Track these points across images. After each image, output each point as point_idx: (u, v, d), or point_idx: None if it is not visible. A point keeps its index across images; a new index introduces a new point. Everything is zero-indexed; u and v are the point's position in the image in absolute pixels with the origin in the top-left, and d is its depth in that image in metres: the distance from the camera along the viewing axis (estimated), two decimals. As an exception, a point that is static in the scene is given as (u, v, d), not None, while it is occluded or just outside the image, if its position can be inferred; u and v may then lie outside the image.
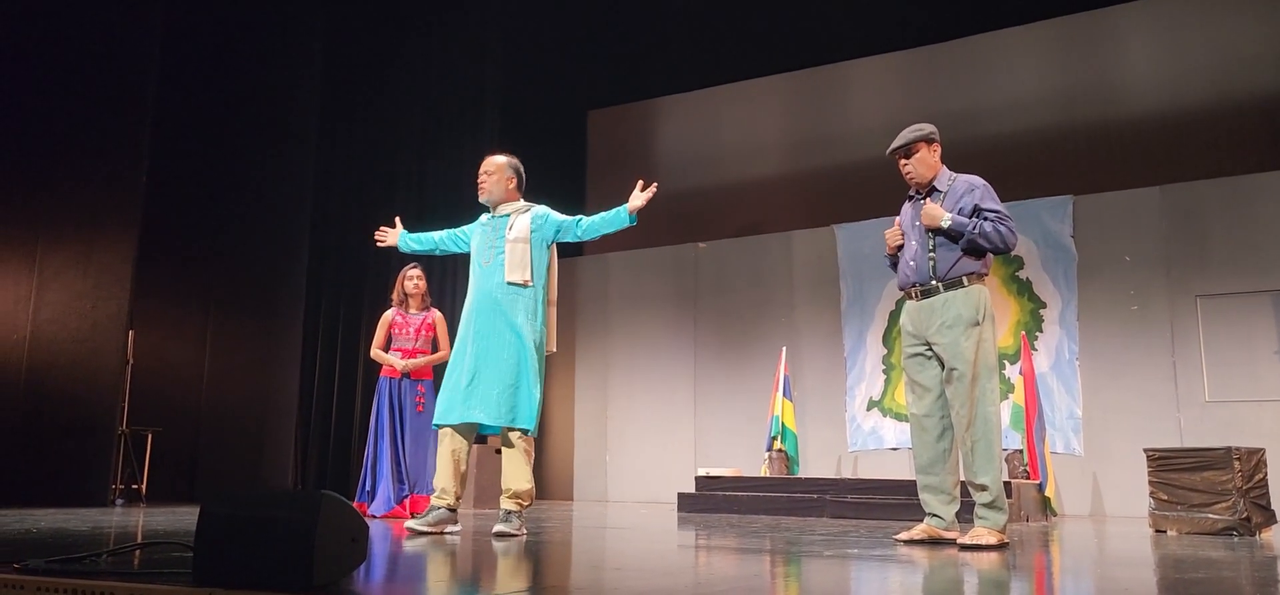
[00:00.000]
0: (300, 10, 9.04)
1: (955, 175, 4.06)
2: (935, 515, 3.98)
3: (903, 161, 4.10)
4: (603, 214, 4.54)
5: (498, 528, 4.12)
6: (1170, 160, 8.06)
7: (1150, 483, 5.22)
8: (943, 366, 3.91)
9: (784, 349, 8.22)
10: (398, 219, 4.97)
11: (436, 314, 6.34)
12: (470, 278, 4.48)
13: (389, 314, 6.22)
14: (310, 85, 9.04)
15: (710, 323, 9.49)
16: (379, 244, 4.90)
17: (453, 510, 4.29)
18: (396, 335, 6.17)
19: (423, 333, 6.20)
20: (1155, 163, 8.10)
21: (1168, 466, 5.17)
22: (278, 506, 2.16)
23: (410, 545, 3.67)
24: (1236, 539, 4.60)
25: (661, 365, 9.63)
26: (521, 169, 4.63)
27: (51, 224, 7.14)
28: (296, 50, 9.03)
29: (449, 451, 4.28)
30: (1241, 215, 7.37)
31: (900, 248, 4.14)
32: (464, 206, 9.20)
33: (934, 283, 3.94)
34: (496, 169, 4.56)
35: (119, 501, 7.14)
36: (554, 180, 10.95)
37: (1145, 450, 5.35)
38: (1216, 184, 7.54)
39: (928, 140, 4.06)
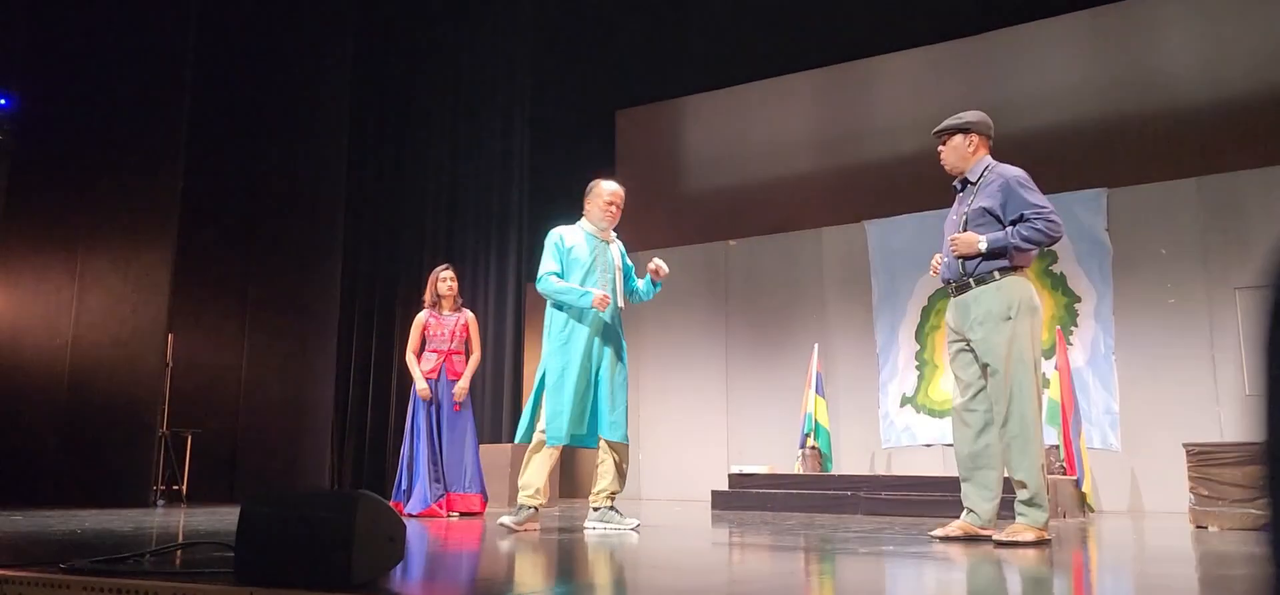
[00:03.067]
0: (331, 14, 9.14)
1: (992, 165, 4.03)
2: (972, 511, 3.95)
3: (939, 146, 4.13)
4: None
5: (595, 524, 4.60)
6: (1206, 151, 7.92)
7: (1190, 478, 5.15)
8: (978, 362, 3.90)
9: (816, 346, 8.19)
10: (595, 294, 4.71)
11: (469, 315, 6.34)
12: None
13: (422, 316, 6.20)
14: (342, 87, 9.14)
15: (742, 320, 9.48)
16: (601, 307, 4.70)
17: (537, 510, 4.66)
18: (431, 337, 6.17)
19: (457, 334, 6.21)
20: (1191, 154, 7.97)
21: (1208, 461, 5.09)
22: (316, 506, 2.19)
23: (451, 543, 3.70)
24: (1280, 534, 4.52)
25: (693, 363, 9.62)
26: None
27: (91, 230, 7.27)
28: (328, 54, 9.14)
29: (550, 459, 4.62)
30: (1281, 205, 7.24)
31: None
32: (495, 205, 9.28)
33: (967, 279, 3.92)
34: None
35: (160, 502, 7.25)
36: (582, 181, 10.98)
37: (1185, 445, 5.28)
38: (1254, 175, 7.41)
39: (964, 130, 4.07)
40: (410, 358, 6.16)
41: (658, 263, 4.93)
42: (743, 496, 7.18)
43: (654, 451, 9.66)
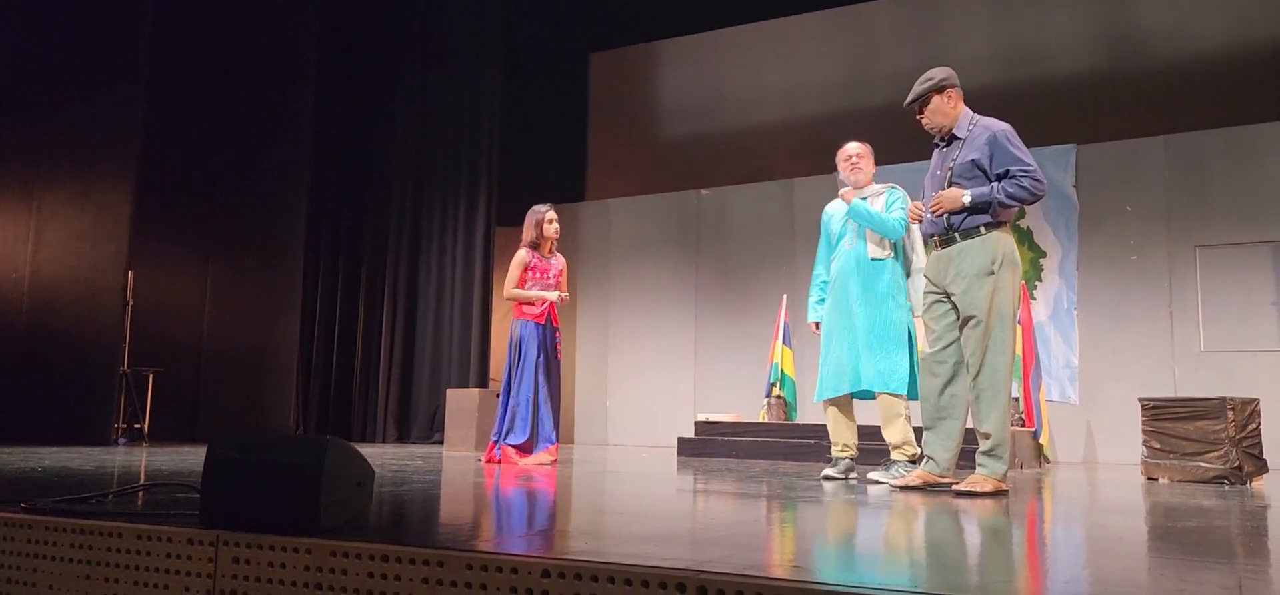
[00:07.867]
0: (298, -52, 8.91)
1: (977, 119, 4.03)
2: (931, 459, 4.03)
3: (919, 114, 4.10)
4: None
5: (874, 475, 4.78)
6: (1174, 110, 8.01)
7: (1144, 431, 5.27)
8: (959, 315, 3.93)
9: (784, 296, 8.24)
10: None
11: (562, 260, 6.05)
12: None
13: (524, 256, 5.85)
14: (310, 22, 8.95)
15: (711, 269, 9.50)
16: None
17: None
18: (535, 278, 5.86)
19: (557, 278, 5.94)
20: (1159, 112, 8.06)
21: (1161, 415, 5.21)
22: (284, 450, 2.18)
23: (435, 487, 3.71)
24: (1227, 487, 4.65)
25: (662, 311, 9.65)
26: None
27: (49, 163, 7.11)
28: (295, -10, 8.93)
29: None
30: (1244, 166, 7.35)
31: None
32: (465, 149, 9.18)
33: (952, 234, 3.94)
34: None
35: (122, 440, 7.20)
36: (555, 125, 10.92)
37: (1140, 400, 5.39)
38: (1220, 134, 7.51)
39: (938, 89, 4.04)
40: (518, 292, 5.82)
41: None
42: (708, 444, 7.25)
43: (621, 399, 9.71)
